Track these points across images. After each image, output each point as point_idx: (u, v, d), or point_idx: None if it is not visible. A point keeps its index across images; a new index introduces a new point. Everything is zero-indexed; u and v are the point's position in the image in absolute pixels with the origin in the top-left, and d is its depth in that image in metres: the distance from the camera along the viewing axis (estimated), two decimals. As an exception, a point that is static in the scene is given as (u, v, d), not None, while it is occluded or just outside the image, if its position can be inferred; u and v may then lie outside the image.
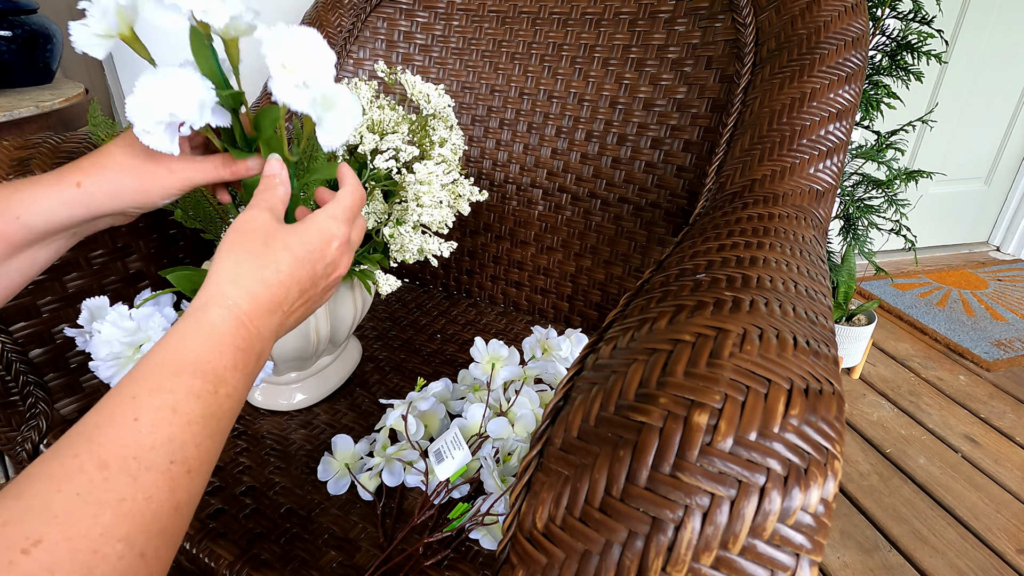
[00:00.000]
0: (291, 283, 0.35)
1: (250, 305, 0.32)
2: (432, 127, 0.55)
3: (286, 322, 0.36)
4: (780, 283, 0.33)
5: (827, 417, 0.23)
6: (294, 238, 0.36)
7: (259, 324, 0.33)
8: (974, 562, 0.96)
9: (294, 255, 0.35)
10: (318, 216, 0.38)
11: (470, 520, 0.44)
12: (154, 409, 0.26)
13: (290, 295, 0.35)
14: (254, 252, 0.34)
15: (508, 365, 0.55)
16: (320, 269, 0.37)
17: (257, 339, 0.32)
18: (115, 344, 0.40)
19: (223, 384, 0.29)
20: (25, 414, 0.56)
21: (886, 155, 1.23)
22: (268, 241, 0.35)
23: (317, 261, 0.36)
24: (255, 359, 0.32)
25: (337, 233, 0.37)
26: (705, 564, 0.21)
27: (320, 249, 0.36)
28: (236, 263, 0.34)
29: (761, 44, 0.61)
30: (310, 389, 0.61)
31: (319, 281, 0.37)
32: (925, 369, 1.48)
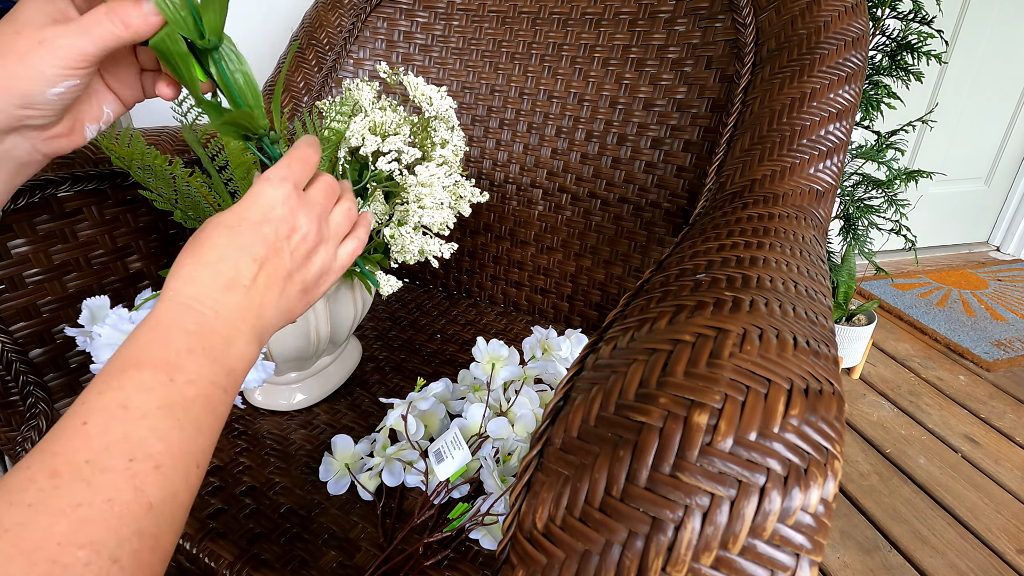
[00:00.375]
0: (235, 254, 0.32)
1: (194, 288, 0.30)
2: (433, 128, 0.55)
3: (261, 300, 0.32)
4: (780, 283, 0.33)
5: (827, 417, 0.23)
6: (226, 213, 0.33)
7: (214, 304, 0.30)
8: (974, 562, 0.96)
9: (227, 225, 0.32)
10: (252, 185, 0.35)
11: (470, 520, 0.44)
12: (102, 409, 0.25)
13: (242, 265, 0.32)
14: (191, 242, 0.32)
15: (508, 365, 0.55)
16: (269, 232, 0.33)
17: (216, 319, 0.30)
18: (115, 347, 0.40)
19: (178, 371, 0.27)
20: (25, 414, 0.56)
21: (886, 155, 1.23)
22: (203, 227, 0.33)
23: (260, 224, 0.33)
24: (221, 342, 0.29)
25: (276, 193, 0.34)
26: (705, 564, 0.21)
27: (259, 212, 0.33)
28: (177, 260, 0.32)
29: (761, 44, 0.61)
30: (310, 389, 0.61)
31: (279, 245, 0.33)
32: (925, 369, 1.48)
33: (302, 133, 0.50)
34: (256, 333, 0.32)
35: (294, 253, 0.34)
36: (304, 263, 0.35)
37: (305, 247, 0.35)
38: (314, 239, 0.35)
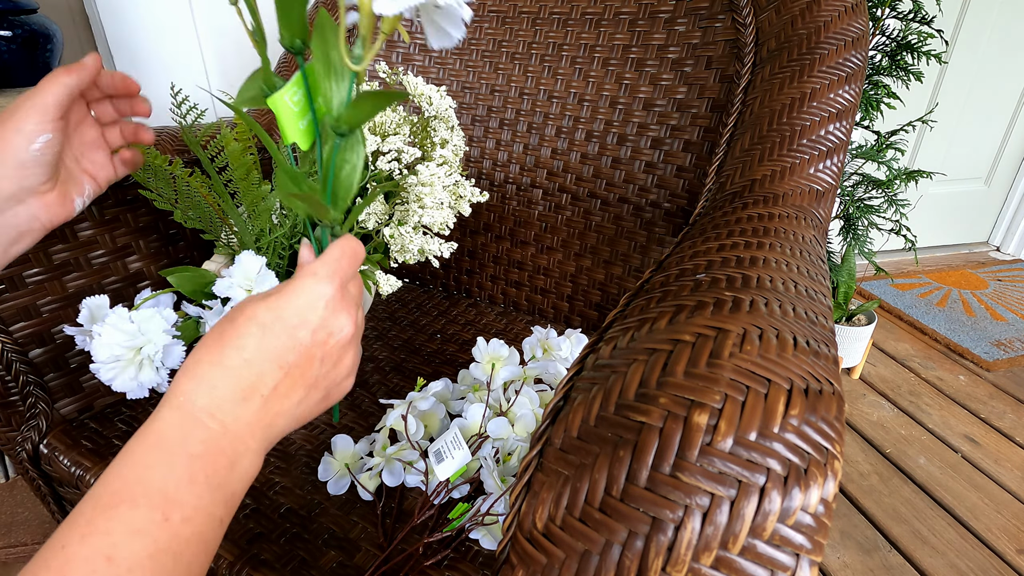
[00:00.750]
0: (262, 359, 0.29)
1: (207, 396, 0.27)
2: (433, 128, 0.55)
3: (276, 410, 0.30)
4: (780, 283, 0.33)
5: (827, 417, 0.23)
6: (260, 305, 0.30)
7: (225, 418, 0.27)
8: (974, 562, 0.96)
9: (260, 324, 0.29)
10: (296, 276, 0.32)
11: (470, 520, 0.44)
12: (84, 561, 0.22)
13: (267, 373, 0.29)
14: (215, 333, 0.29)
15: (508, 365, 0.55)
16: (304, 337, 0.30)
17: (225, 437, 0.27)
18: (115, 347, 0.40)
19: (176, 507, 0.24)
20: (25, 414, 0.56)
21: (886, 155, 1.23)
22: (233, 316, 0.30)
23: (295, 328, 0.30)
24: (226, 464, 0.26)
25: (320, 293, 0.31)
26: (705, 564, 0.21)
27: (299, 313, 0.31)
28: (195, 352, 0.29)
29: (761, 44, 0.61)
30: None
31: (309, 351, 0.31)
32: (925, 369, 1.48)
33: None
34: (264, 445, 0.30)
35: (325, 360, 0.32)
36: (334, 367, 0.33)
37: (338, 350, 0.32)
38: (349, 338, 0.33)
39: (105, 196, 0.59)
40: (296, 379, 0.30)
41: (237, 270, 0.43)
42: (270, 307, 0.30)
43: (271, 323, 0.30)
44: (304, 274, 0.32)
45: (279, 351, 0.30)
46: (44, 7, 0.97)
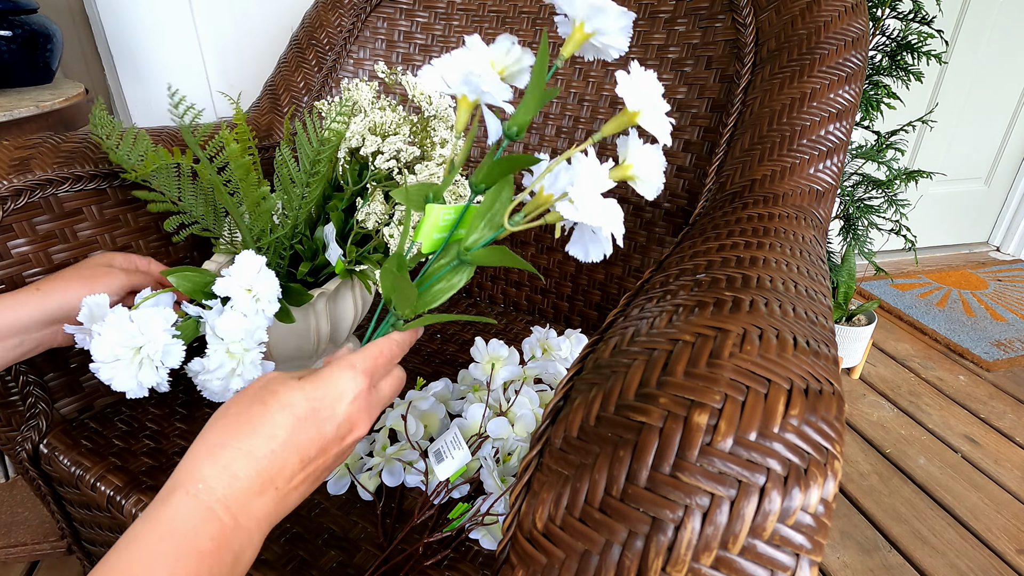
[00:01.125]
0: (288, 452, 0.29)
1: (228, 487, 0.27)
2: (433, 128, 0.55)
3: (283, 502, 0.29)
4: (780, 283, 0.33)
5: (827, 417, 0.23)
6: (297, 393, 0.30)
7: (239, 512, 0.27)
8: (974, 562, 0.96)
9: (295, 415, 0.29)
10: (333, 365, 0.32)
11: (470, 520, 0.44)
12: None
13: (288, 466, 0.29)
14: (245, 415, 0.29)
15: (508, 365, 0.55)
16: (330, 431, 0.31)
17: (235, 533, 0.26)
18: (115, 346, 0.40)
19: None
20: (25, 414, 0.56)
21: (886, 155, 1.23)
22: (265, 399, 0.30)
23: (325, 421, 0.30)
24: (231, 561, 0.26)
25: (353, 387, 0.32)
26: (705, 564, 0.21)
27: (330, 406, 0.31)
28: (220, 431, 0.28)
29: (761, 44, 0.61)
30: None
31: (329, 446, 0.31)
32: (925, 369, 1.48)
33: (302, 133, 0.50)
34: (266, 530, 0.30)
35: (339, 455, 0.33)
36: (339, 459, 0.33)
37: (350, 445, 0.33)
38: (362, 436, 0.34)
39: (105, 196, 0.59)
40: (310, 472, 0.31)
41: (237, 270, 0.43)
42: (307, 397, 0.30)
43: (306, 415, 0.30)
44: (343, 364, 0.33)
45: (305, 445, 0.30)
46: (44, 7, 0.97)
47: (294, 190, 0.50)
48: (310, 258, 0.54)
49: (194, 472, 0.27)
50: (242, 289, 0.43)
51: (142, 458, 0.52)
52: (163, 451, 0.53)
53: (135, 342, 0.40)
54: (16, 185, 0.52)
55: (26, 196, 0.53)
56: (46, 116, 0.82)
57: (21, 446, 0.55)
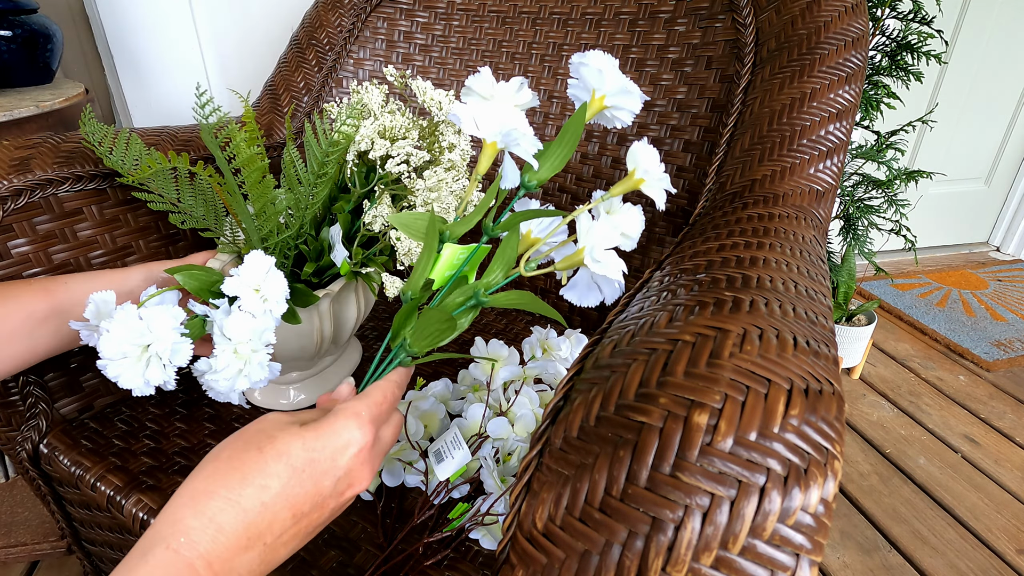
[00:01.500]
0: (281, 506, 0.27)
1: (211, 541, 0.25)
2: (441, 132, 0.55)
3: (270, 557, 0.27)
4: (780, 283, 0.33)
5: (827, 417, 0.23)
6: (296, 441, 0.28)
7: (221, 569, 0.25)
8: (974, 562, 0.96)
9: (291, 465, 0.27)
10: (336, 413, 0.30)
11: (470, 520, 0.44)
12: None
13: (278, 521, 0.27)
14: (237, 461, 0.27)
15: (508, 365, 0.55)
16: (327, 486, 0.28)
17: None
18: (123, 344, 0.39)
19: None
20: (25, 414, 0.56)
21: (886, 155, 1.23)
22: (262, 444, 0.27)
23: (324, 475, 0.28)
24: None
25: (357, 438, 0.30)
26: (705, 564, 0.21)
27: (331, 458, 0.29)
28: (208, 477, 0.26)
29: (761, 44, 0.61)
30: (311, 389, 0.61)
31: (325, 502, 0.29)
32: (925, 369, 1.48)
33: (311, 134, 0.50)
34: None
35: (335, 511, 0.30)
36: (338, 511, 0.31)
37: (348, 499, 0.31)
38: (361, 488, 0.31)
39: (105, 196, 0.59)
40: (301, 528, 0.29)
41: (246, 269, 0.43)
42: (306, 447, 0.28)
43: (303, 467, 0.28)
44: (348, 413, 0.30)
45: (299, 499, 0.28)
46: (44, 7, 0.97)
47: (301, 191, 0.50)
48: (315, 259, 0.54)
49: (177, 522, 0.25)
50: (250, 289, 0.43)
51: (142, 458, 0.52)
52: (163, 451, 0.53)
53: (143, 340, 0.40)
54: (16, 185, 0.52)
55: (26, 196, 0.53)
56: (46, 116, 0.82)
57: (21, 446, 0.55)
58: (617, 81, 0.38)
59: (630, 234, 0.37)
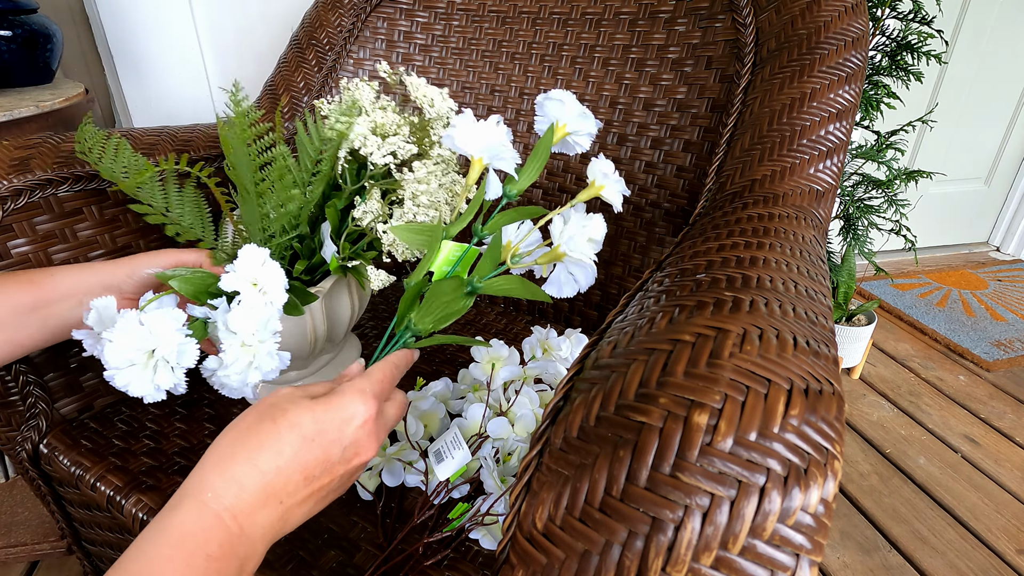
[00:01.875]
0: (293, 469, 0.30)
1: (235, 497, 0.28)
2: (431, 127, 0.55)
3: (288, 517, 0.31)
4: (780, 283, 0.33)
5: (827, 417, 0.23)
6: (306, 414, 0.31)
7: (245, 521, 0.28)
8: (974, 562, 0.96)
9: (302, 434, 0.31)
10: (342, 389, 0.34)
11: (470, 520, 0.44)
12: None
13: (292, 483, 0.30)
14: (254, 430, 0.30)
15: (508, 365, 0.55)
16: (336, 453, 0.32)
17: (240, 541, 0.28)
18: (128, 352, 0.39)
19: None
20: (25, 414, 0.56)
21: (886, 155, 1.23)
22: (275, 416, 0.31)
23: (332, 443, 0.32)
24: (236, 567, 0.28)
25: (362, 411, 0.33)
26: (705, 564, 0.21)
27: (338, 428, 0.32)
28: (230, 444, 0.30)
29: (761, 44, 0.61)
30: None
31: (334, 467, 0.32)
32: (925, 369, 1.48)
33: (303, 132, 0.50)
34: (270, 542, 0.31)
35: (343, 476, 0.34)
36: (344, 483, 0.35)
37: (355, 468, 0.34)
38: (368, 458, 0.35)
39: (105, 196, 0.59)
40: (314, 491, 0.32)
41: (241, 264, 0.43)
42: (316, 419, 0.32)
43: (312, 436, 0.31)
44: (352, 389, 0.34)
45: (311, 464, 0.31)
46: (44, 7, 0.97)
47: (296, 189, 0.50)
48: (308, 256, 0.54)
49: (203, 482, 0.29)
50: (248, 283, 0.42)
51: (142, 458, 0.52)
52: (163, 451, 0.53)
53: (148, 345, 0.40)
54: (16, 185, 0.52)
55: (26, 196, 0.53)
56: (46, 116, 0.82)
57: (21, 446, 0.55)
58: (575, 107, 0.45)
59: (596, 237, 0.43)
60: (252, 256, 0.43)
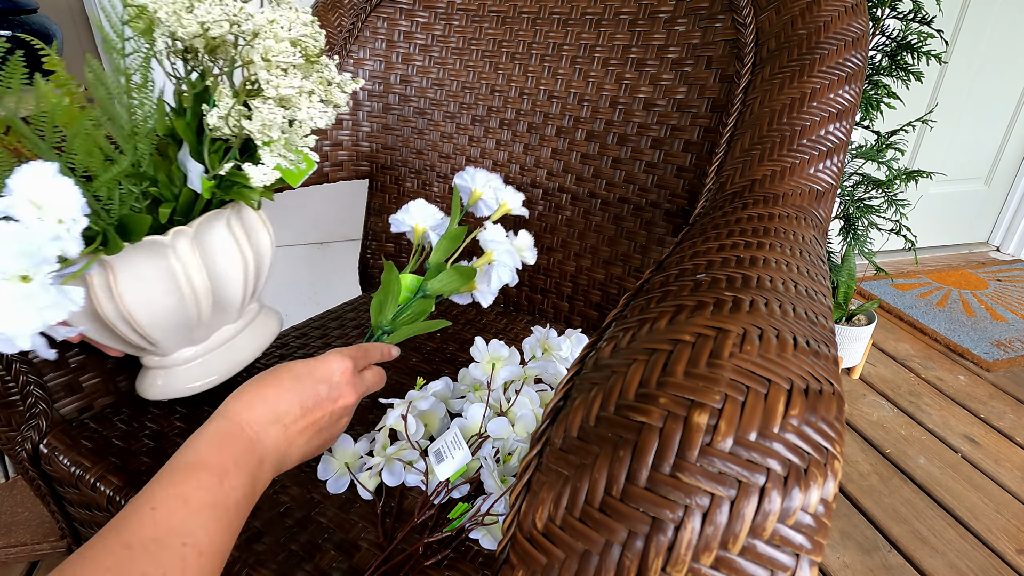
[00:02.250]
0: (290, 396, 0.40)
1: (248, 413, 0.38)
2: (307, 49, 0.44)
3: (290, 436, 0.39)
4: (780, 283, 0.33)
5: (827, 417, 0.23)
6: (299, 364, 0.42)
7: (258, 430, 0.38)
8: (974, 562, 0.96)
9: (294, 373, 0.41)
10: (326, 353, 0.44)
11: (470, 520, 0.44)
12: (168, 499, 0.31)
13: (292, 410, 0.39)
14: (263, 376, 0.41)
15: (508, 365, 0.55)
16: (323, 391, 0.41)
17: (257, 443, 0.37)
18: None
19: (227, 476, 0.34)
20: (25, 414, 0.56)
21: (886, 155, 1.23)
22: (278, 368, 0.41)
23: (320, 382, 0.41)
24: (256, 461, 0.36)
25: (340, 364, 0.43)
26: (705, 564, 0.21)
27: (322, 372, 0.42)
28: (246, 385, 0.40)
29: (761, 44, 0.61)
30: (218, 364, 0.54)
31: (323, 403, 0.41)
32: (925, 369, 1.48)
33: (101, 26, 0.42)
34: (277, 465, 0.39)
35: (331, 415, 0.42)
36: (334, 423, 0.43)
37: (340, 409, 0.43)
38: (349, 405, 0.44)
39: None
40: (309, 422, 0.41)
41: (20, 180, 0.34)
42: (306, 364, 0.42)
43: (303, 376, 0.41)
44: (330, 352, 0.44)
45: (303, 396, 0.40)
46: (44, 7, 0.97)
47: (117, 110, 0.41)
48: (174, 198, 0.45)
49: (225, 409, 0.38)
50: (28, 203, 0.34)
51: (142, 458, 0.52)
52: (163, 451, 0.53)
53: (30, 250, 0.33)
54: None
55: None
56: (46, 116, 0.82)
57: (21, 446, 0.55)
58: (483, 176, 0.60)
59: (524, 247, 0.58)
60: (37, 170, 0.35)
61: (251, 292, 0.53)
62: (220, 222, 0.48)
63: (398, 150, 0.86)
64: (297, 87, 0.43)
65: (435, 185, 0.84)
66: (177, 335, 0.50)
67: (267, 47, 0.41)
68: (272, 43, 0.41)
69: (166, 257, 0.45)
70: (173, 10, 0.41)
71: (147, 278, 0.45)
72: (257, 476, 0.36)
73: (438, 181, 0.84)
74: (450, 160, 0.83)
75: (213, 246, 0.48)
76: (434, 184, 0.84)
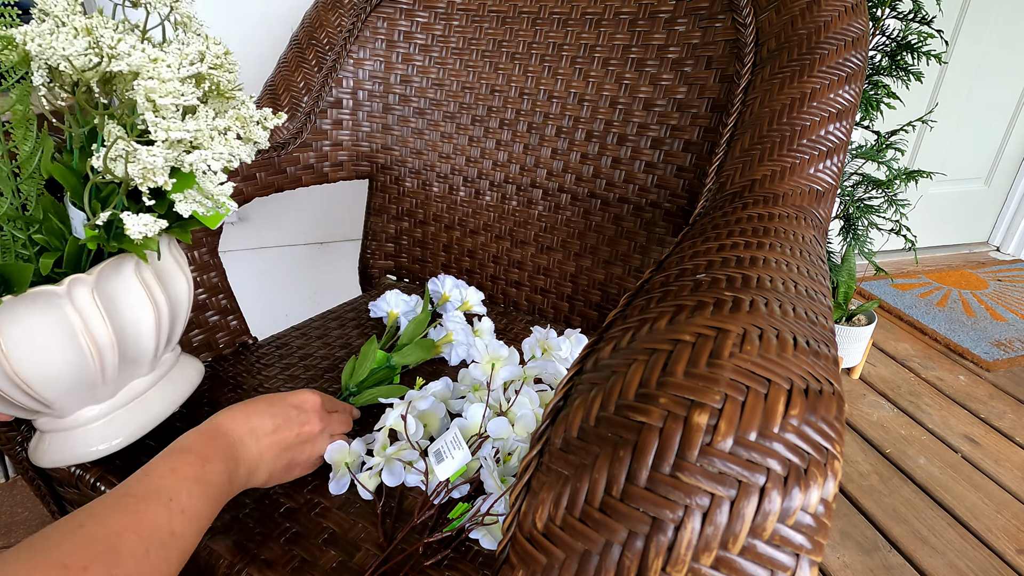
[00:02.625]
0: (263, 413, 0.46)
1: (231, 423, 0.44)
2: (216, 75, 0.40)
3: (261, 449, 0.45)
4: (780, 283, 0.33)
5: (827, 417, 0.23)
6: (276, 394, 0.49)
7: (236, 438, 0.43)
8: (974, 562, 0.96)
9: (270, 399, 0.47)
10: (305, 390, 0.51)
11: (470, 520, 0.44)
12: (159, 468, 0.38)
13: (264, 423, 0.45)
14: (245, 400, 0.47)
15: (508, 365, 0.55)
16: (292, 414, 0.47)
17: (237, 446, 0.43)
18: None
19: (209, 461, 0.40)
20: (25, 414, 0.56)
21: (886, 155, 1.23)
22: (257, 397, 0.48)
23: (289, 407, 0.47)
24: (234, 460, 0.42)
25: (311, 396, 0.49)
26: (705, 564, 0.21)
27: (294, 399, 0.48)
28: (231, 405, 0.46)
29: (761, 44, 0.61)
30: (125, 424, 0.47)
31: (292, 426, 0.47)
32: (925, 369, 1.48)
33: None
34: (249, 471, 0.44)
35: (298, 436, 0.47)
36: (302, 445, 0.48)
37: (308, 434, 0.48)
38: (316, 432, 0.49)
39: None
40: (278, 438, 0.46)
41: None
42: (278, 395, 0.49)
43: (276, 400, 0.48)
44: (306, 389, 0.51)
45: (275, 415, 0.46)
46: (44, 7, 0.97)
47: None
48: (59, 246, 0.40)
49: (211, 418, 0.44)
50: None
51: (142, 458, 0.52)
52: (163, 451, 0.53)
53: None
54: None
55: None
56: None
57: (21, 446, 0.55)
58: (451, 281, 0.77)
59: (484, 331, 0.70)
60: None
61: (165, 342, 0.47)
62: (127, 267, 0.43)
63: (398, 150, 0.86)
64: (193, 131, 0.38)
65: (435, 185, 0.84)
66: (77, 394, 0.43)
67: (148, 88, 0.36)
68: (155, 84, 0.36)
69: (61, 308, 0.39)
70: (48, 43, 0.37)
71: (38, 332, 0.39)
72: (234, 473, 0.42)
73: (438, 181, 0.84)
74: (450, 160, 0.83)
75: (118, 294, 0.42)
76: (434, 184, 0.84)
